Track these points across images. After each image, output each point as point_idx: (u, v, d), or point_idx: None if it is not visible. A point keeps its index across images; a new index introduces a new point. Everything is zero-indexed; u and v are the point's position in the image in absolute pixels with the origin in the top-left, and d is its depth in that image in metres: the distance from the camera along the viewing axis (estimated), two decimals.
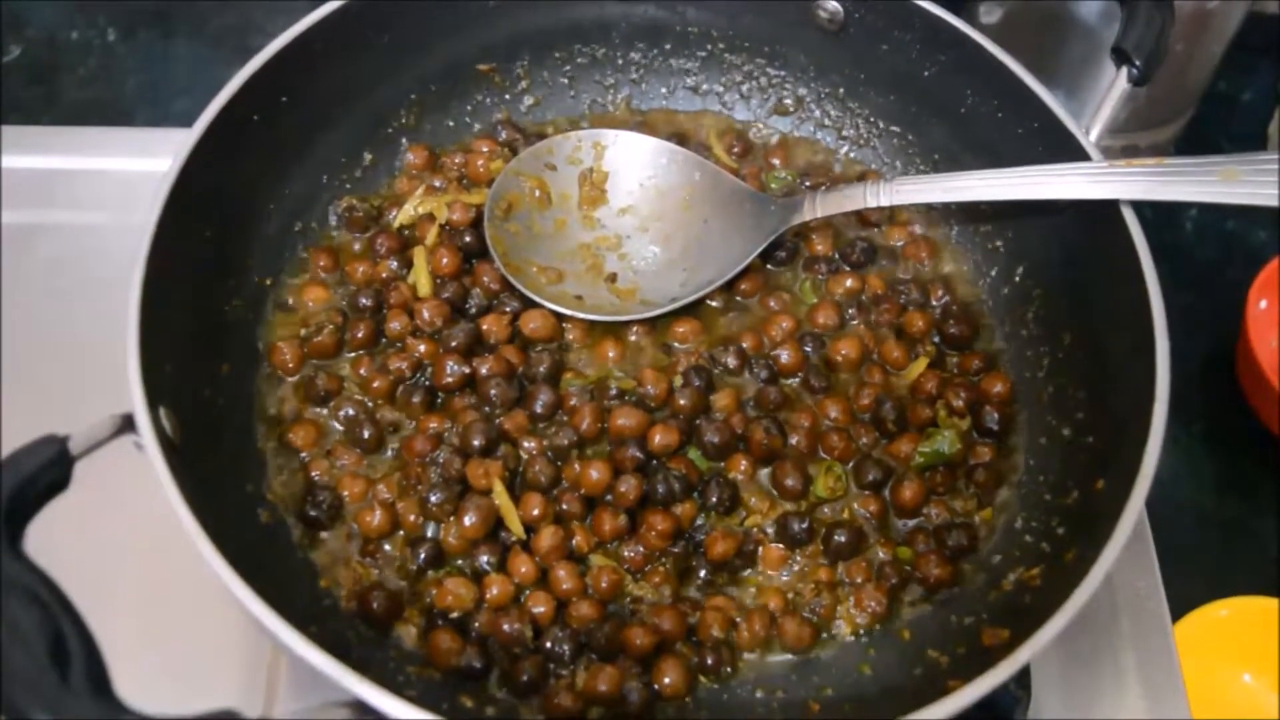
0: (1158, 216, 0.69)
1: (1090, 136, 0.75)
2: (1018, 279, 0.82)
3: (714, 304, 0.82)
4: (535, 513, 0.70)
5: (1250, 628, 0.86)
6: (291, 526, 0.71)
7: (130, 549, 0.75)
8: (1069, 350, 0.77)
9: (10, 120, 0.97)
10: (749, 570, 0.73)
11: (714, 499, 0.73)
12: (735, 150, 0.90)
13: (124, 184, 0.92)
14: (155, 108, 1.07)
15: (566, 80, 0.91)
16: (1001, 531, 0.74)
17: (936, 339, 0.82)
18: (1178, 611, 0.81)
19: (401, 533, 0.71)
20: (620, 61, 0.91)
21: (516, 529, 0.70)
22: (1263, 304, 0.96)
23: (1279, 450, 0.95)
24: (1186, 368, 0.67)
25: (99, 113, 1.06)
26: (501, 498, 0.70)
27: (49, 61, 1.10)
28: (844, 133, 0.91)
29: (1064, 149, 0.75)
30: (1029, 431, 0.77)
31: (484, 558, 0.70)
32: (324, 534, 0.71)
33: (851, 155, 0.91)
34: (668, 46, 0.91)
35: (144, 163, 0.92)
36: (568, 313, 0.79)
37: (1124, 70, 0.76)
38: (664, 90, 0.93)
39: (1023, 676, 0.74)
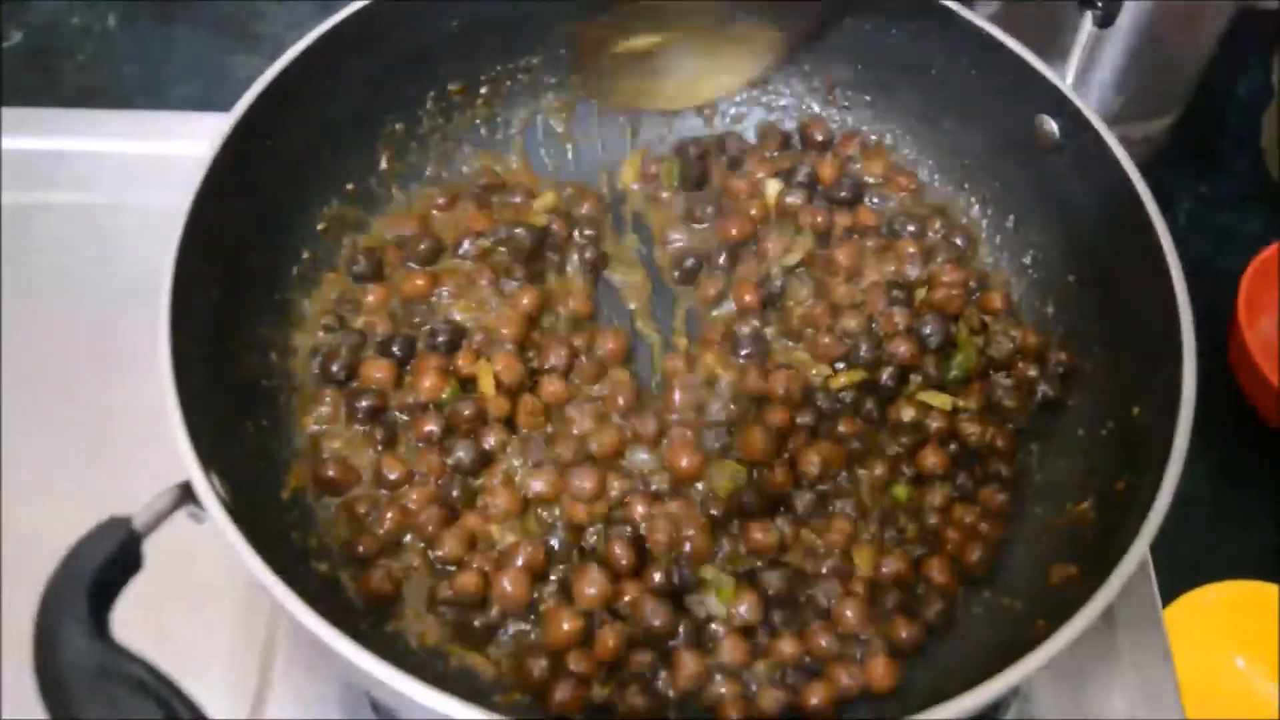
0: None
1: (1066, 81, 0.76)
2: (1010, 225, 0.83)
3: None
4: None
5: (1242, 611, 0.86)
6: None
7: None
8: (1075, 291, 0.78)
9: (11, 104, 0.97)
10: None
11: None
12: None
13: (124, 166, 0.93)
14: (154, 94, 1.08)
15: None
16: (1039, 471, 0.75)
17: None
18: (1169, 595, 0.82)
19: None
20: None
21: None
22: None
23: (1269, 436, 0.95)
24: None
25: (98, 98, 1.07)
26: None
27: (49, 47, 1.11)
28: (812, 107, 0.90)
29: (1042, 96, 0.76)
30: None
31: None
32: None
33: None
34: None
35: (143, 145, 0.93)
36: None
37: (1088, 14, 0.77)
38: None
39: None
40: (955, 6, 0.78)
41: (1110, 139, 0.72)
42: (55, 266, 0.89)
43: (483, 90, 0.87)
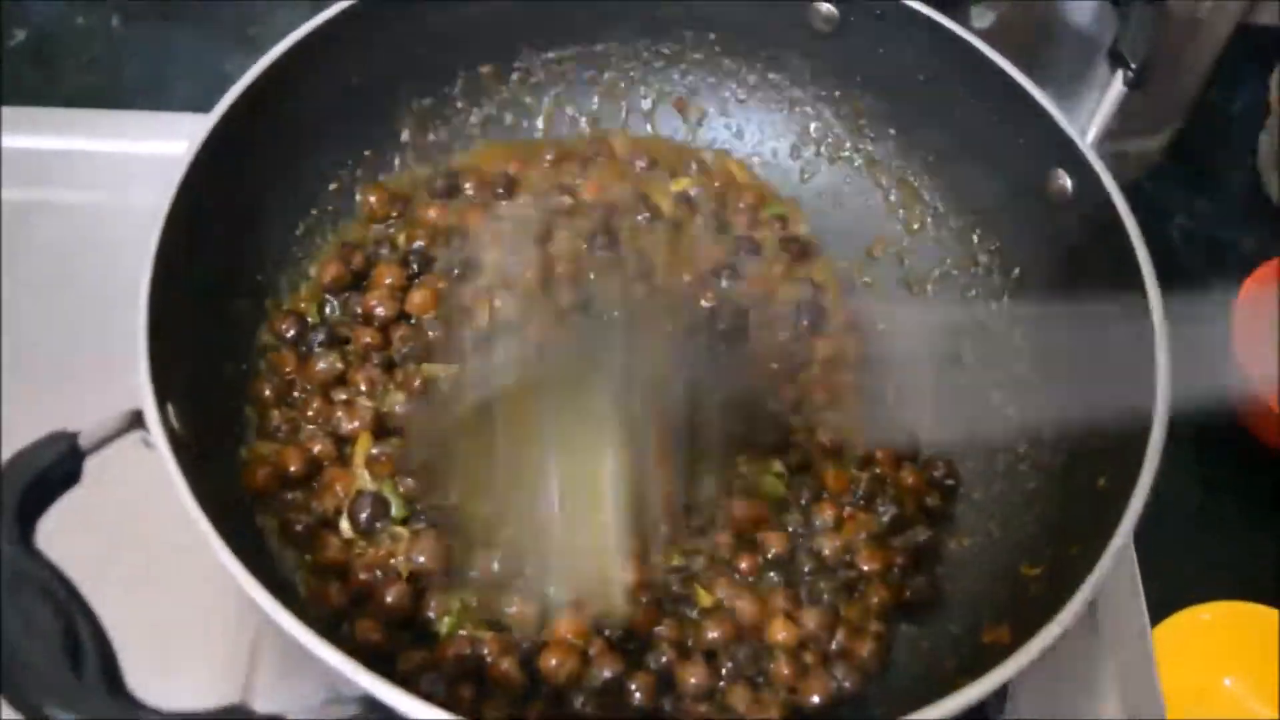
0: (1148, 216, 0.71)
1: (1087, 139, 0.75)
2: (1015, 277, 0.84)
3: None
4: None
5: (1232, 632, 0.87)
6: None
7: (121, 538, 0.75)
8: (1067, 354, 0.77)
9: (13, 103, 0.97)
10: None
11: None
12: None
13: (123, 166, 0.93)
14: (156, 94, 1.07)
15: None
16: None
17: None
18: (1158, 615, 0.82)
19: None
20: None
21: None
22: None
23: (1261, 455, 0.95)
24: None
25: (101, 98, 1.06)
26: None
27: (52, 46, 1.11)
28: (837, 133, 0.91)
29: (1061, 153, 0.75)
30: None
31: None
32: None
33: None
34: (665, 50, 0.91)
35: (143, 145, 0.93)
36: None
37: (1119, 73, 0.77)
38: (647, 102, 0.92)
39: None
40: (989, 52, 0.78)
41: (1121, 206, 0.71)
42: (55, 266, 0.89)
43: (513, 76, 0.89)
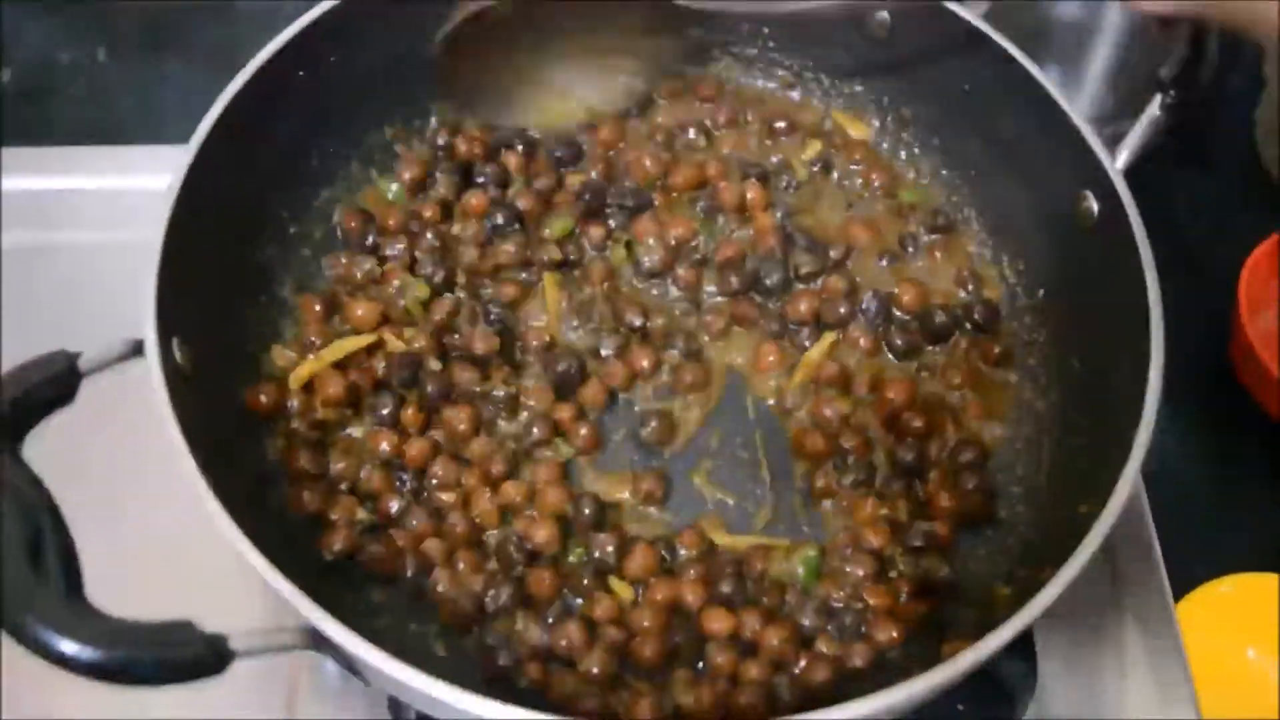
0: (1149, 195, 0.71)
1: (1118, 164, 0.74)
2: (1040, 296, 0.83)
3: None
4: None
5: (1252, 603, 0.86)
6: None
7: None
8: (1077, 378, 0.78)
9: (4, 144, 0.97)
10: None
11: None
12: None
13: (121, 202, 0.93)
14: (148, 126, 1.07)
15: None
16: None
17: None
18: (1179, 590, 0.82)
19: None
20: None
21: None
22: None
23: (1273, 428, 0.95)
24: (1182, 347, 0.68)
25: (93, 133, 1.06)
26: None
27: (40, 84, 1.11)
28: (882, 144, 0.91)
29: (1090, 173, 0.75)
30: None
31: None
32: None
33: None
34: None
35: (139, 180, 0.92)
36: None
37: (1157, 97, 0.76)
38: None
39: (1028, 655, 0.75)
40: (1031, 68, 0.78)
41: (1141, 239, 0.70)
42: (57, 306, 0.89)
43: None
